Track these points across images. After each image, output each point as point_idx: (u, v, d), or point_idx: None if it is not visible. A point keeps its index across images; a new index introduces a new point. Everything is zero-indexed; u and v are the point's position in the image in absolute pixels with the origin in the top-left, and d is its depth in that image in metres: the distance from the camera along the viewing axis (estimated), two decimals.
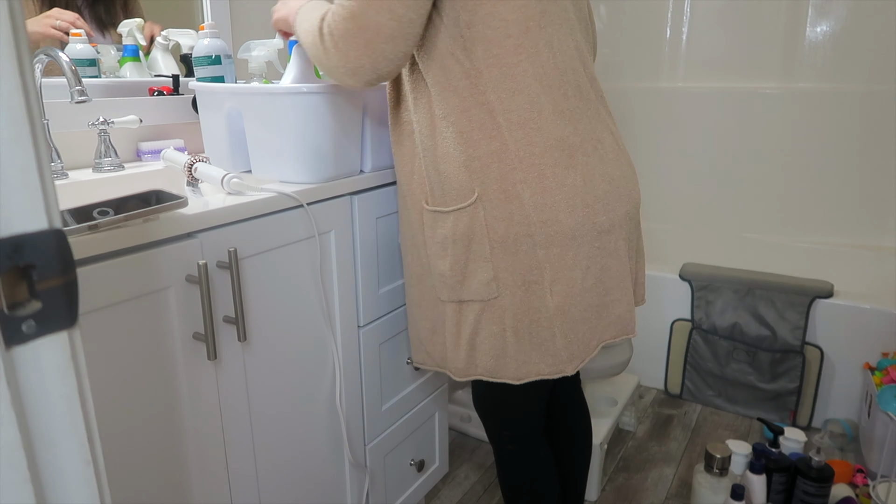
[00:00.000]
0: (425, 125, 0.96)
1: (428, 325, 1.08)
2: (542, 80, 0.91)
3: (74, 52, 1.22)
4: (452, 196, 0.95)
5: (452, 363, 1.04)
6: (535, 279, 0.95)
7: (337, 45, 0.86)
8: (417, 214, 1.03)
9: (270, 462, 1.04)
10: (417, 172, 1.01)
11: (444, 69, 0.91)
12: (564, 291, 0.96)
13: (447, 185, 0.95)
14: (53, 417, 0.35)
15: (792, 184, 2.43)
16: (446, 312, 1.03)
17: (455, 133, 0.92)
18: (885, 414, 1.59)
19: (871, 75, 2.24)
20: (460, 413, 2.00)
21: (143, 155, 1.28)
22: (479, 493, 1.66)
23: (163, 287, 0.81)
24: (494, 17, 0.88)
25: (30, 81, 0.32)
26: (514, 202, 0.92)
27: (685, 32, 2.52)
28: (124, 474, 0.81)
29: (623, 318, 1.04)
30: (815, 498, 1.50)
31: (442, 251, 0.99)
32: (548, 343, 0.97)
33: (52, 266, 0.33)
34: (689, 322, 2.07)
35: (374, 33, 0.83)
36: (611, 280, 1.00)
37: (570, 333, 0.98)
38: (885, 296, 1.90)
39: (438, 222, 0.98)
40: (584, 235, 0.95)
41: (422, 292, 1.08)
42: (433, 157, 0.96)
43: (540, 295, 0.95)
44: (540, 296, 0.95)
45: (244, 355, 0.95)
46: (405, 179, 1.04)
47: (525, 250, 0.93)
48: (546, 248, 0.93)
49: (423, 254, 1.04)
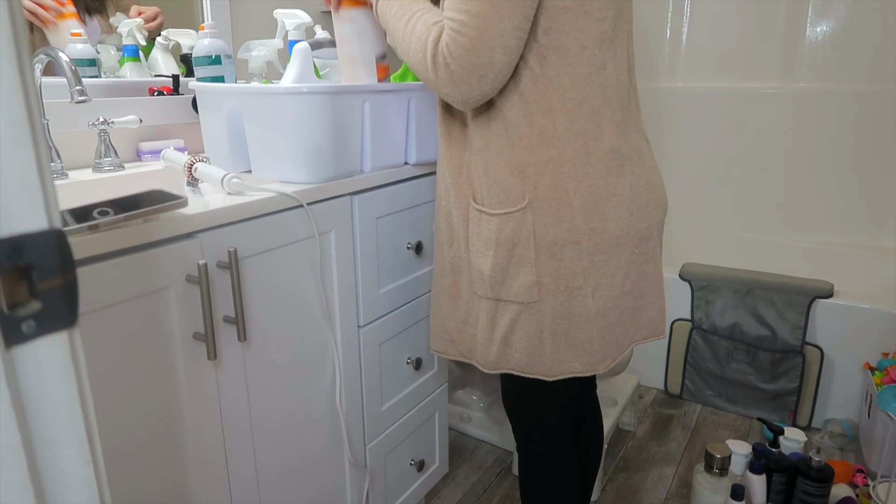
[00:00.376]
0: (480, 124, 0.95)
1: (459, 317, 1.08)
2: (604, 91, 0.92)
3: (74, 52, 1.22)
4: (500, 199, 0.95)
5: (482, 356, 1.04)
6: (579, 285, 0.96)
7: (452, 77, 0.86)
8: (463, 209, 1.02)
9: (270, 462, 1.04)
10: (466, 166, 1.00)
11: (513, 73, 0.91)
12: (605, 296, 0.97)
13: (495, 188, 0.95)
14: (53, 417, 0.35)
15: (792, 184, 2.43)
16: (481, 307, 1.02)
17: (513, 137, 0.92)
18: (885, 414, 1.59)
19: (871, 75, 2.24)
20: (460, 413, 2.00)
21: (143, 155, 1.28)
22: (479, 493, 1.66)
23: (163, 287, 0.81)
24: (575, 27, 0.88)
25: (30, 81, 0.32)
26: (565, 209, 0.92)
27: (685, 32, 2.52)
28: (124, 474, 0.81)
29: (655, 320, 1.07)
30: (815, 498, 1.50)
31: (485, 250, 0.98)
32: (585, 344, 0.99)
33: (52, 266, 0.33)
34: (689, 322, 2.07)
35: (488, 69, 0.84)
36: (646, 284, 1.03)
37: (606, 335, 0.99)
38: (885, 296, 1.90)
39: (483, 222, 0.98)
40: (628, 242, 0.97)
41: (456, 284, 1.07)
42: (483, 158, 0.96)
43: (581, 300, 0.96)
44: (581, 301, 0.96)
45: (244, 355, 0.95)
46: (452, 171, 1.03)
47: (571, 257, 0.94)
48: (592, 255, 0.94)
49: (464, 248, 1.04)
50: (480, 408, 2.01)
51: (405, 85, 1.20)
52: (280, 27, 1.31)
